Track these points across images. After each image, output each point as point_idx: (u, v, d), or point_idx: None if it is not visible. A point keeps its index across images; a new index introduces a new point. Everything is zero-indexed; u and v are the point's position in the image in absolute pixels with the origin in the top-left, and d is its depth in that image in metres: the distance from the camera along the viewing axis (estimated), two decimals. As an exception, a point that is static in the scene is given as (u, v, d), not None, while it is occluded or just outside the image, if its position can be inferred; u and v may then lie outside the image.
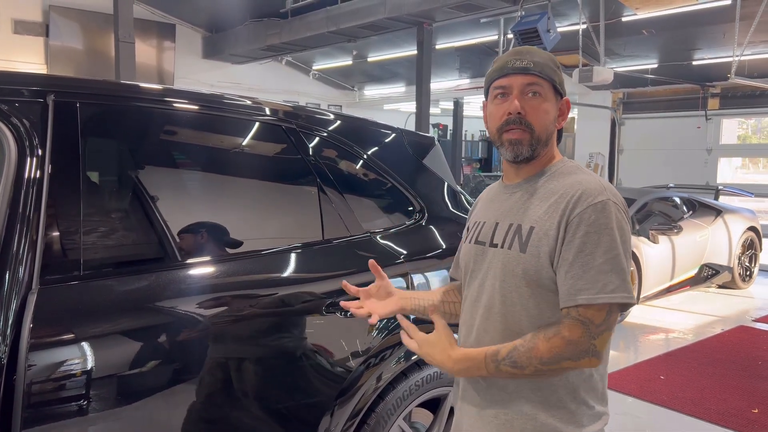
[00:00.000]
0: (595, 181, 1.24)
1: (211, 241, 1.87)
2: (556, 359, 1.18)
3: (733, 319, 5.89)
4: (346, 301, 1.61)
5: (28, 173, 1.53)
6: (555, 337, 1.19)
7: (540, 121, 1.28)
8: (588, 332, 1.18)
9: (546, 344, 1.19)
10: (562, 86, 1.32)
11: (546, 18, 7.07)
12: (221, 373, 1.72)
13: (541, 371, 1.20)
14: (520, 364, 1.20)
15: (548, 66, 1.29)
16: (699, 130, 11.64)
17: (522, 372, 1.21)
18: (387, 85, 15.16)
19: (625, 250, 1.20)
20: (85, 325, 1.51)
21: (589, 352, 1.18)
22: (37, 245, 1.49)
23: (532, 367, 1.19)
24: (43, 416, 1.41)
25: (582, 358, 1.18)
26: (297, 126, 2.15)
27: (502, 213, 1.34)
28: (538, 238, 1.24)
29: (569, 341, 1.17)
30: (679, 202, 6.88)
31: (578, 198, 1.21)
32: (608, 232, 1.18)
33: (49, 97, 1.62)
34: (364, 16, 9.02)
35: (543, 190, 1.29)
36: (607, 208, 1.19)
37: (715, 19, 8.55)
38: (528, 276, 1.25)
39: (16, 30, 10.36)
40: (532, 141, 1.28)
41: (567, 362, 1.18)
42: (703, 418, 3.59)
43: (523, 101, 1.27)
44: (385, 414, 2.08)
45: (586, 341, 1.17)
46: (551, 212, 1.24)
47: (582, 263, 1.18)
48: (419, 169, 2.51)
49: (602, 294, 1.17)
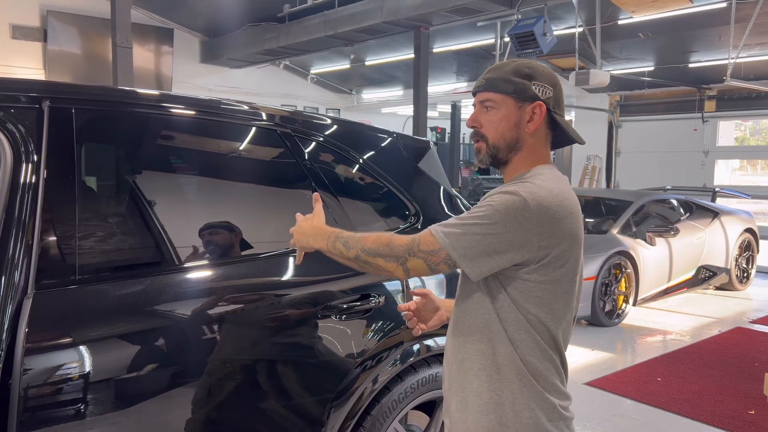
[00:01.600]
0: (531, 185, 1.31)
1: (208, 244, 1.88)
2: (373, 252, 1.34)
3: (730, 321, 5.90)
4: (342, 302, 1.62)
5: (24, 178, 1.54)
6: (385, 236, 1.36)
7: (492, 131, 1.41)
8: (409, 246, 1.31)
9: (375, 238, 1.36)
10: (524, 93, 1.39)
11: (542, 21, 7.10)
12: (217, 377, 1.73)
13: (359, 259, 1.36)
14: (348, 245, 1.38)
15: (502, 79, 1.40)
16: (696, 133, 11.67)
17: (347, 252, 1.38)
18: (385, 89, 15.18)
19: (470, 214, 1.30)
20: (80, 330, 1.51)
21: (399, 259, 1.32)
22: (33, 250, 1.50)
23: (355, 251, 1.36)
24: (38, 420, 1.42)
25: (391, 261, 1.32)
26: (292, 130, 2.16)
27: None
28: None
29: (392, 243, 1.33)
30: (676, 204, 6.89)
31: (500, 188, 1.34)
32: (486, 203, 1.30)
33: (44, 103, 1.63)
34: (361, 20, 9.04)
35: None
36: (505, 194, 1.29)
37: (711, 21, 8.59)
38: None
39: (14, 35, 10.37)
40: (489, 149, 1.42)
41: (380, 260, 1.34)
42: (700, 419, 3.60)
43: (479, 115, 1.43)
44: (380, 416, 2.08)
45: (403, 252, 1.31)
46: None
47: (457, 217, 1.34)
48: (414, 172, 2.52)
49: (435, 226, 1.32)
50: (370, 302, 2.04)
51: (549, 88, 1.40)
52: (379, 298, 2.07)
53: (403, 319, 2.13)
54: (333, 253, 1.42)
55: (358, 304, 2.02)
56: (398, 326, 2.12)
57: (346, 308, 1.99)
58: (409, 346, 2.16)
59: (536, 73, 1.40)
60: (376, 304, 2.05)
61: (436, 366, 2.23)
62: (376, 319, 2.07)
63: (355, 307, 2.01)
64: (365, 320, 2.04)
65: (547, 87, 1.40)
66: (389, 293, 2.12)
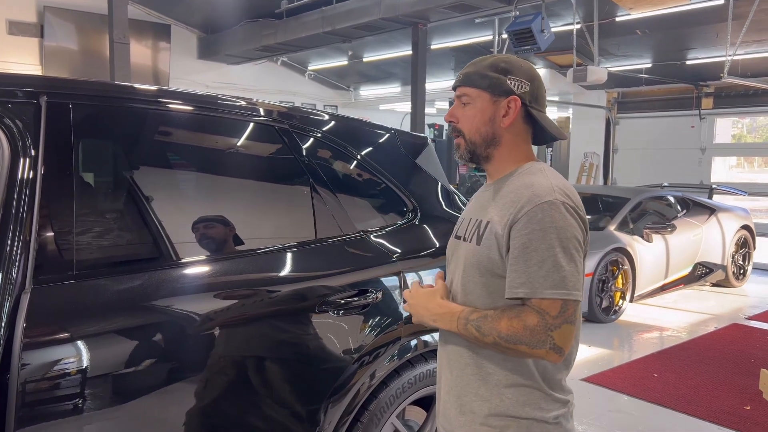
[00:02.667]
0: (547, 182, 1.31)
1: (205, 239, 1.88)
2: (513, 339, 1.25)
3: (726, 317, 5.92)
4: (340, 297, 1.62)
5: (21, 174, 1.54)
6: (516, 318, 1.25)
7: (467, 126, 1.41)
8: (544, 322, 1.23)
9: (507, 322, 1.26)
10: (498, 87, 1.38)
11: (540, 18, 7.09)
12: (214, 372, 1.73)
13: (499, 345, 1.27)
14: (483, 331, 1.29)
15: (478, 74, 1.40)
16: (693, 130, 11.69)
17: (483, 338, 1.29)
18: (383, 86, 15.17)
19: (565, 247, 1.25)
20: (78, 325, 1.51)
21: (547, 343, 1.23)
22: (31, 245, 1.50)
23: (492, 337, 1.27)
24: (36, 415, 1.42)
25: (538, 348, 1.24)
26: (290, 126, 2.16)
27: (475, 210, 1.46)
28: (490, 232, 1.34)
29: (526, 326, 1.24)
30: (673, 201, 6.91)
31: (528, 198, 1.29)
32: (552, 230, 1.25)
33: (42, 98, 1.63)
34: (359, 16, 9.02)
35: (505, 189, 1.38)
36: (554, 207, 1.26)
37: (708, 18, 8.59)
38: (481, 266, 1.35)
39: (11, 31, 10.33)
40: (467, 144, 1.42)
41: (523, 346, 1.25)
42: (696, 415, 3.61)
43: (456, 110, 1.44)
44: (378, 412, 2.09)
45: (543, 331, 1.23)
46: (504, 209, 1.33)
47: (525, 259, 1.26)
48: (412, 168, 2.52)
49: (542, 290, 1.24)
50: (368, 297, 2.05)
51: (525, 82, 1.39)
52: (377, 294, 2.07)
53: (400, 314, 2.14)
54: (466, 336, 1.34)
55: (355, 300, 2.02)
56: (395, 322, 2.12)
57: (343, 304, 1.99)
58: (407, 342, 2.17)
59: (513, 67, 1.39)
60: (373, 300, 2.06)
61: (433, 361, 2.23)
62: (374, 315, 2.07)
63: (353, 303, 2.02)
64: (363, 316, 2.05)
65: (523, 81, 1.39)
66: (387, 289, 2.12)
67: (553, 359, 1.26)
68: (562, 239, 1.25)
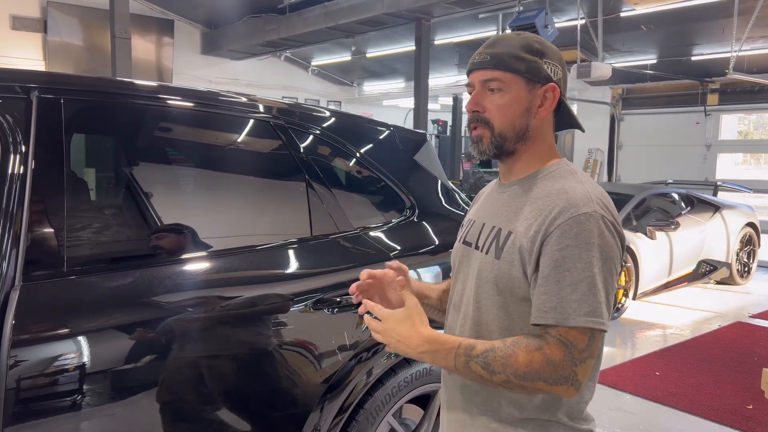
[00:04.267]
0: (583, 190, 1.13)
1: (197, 237, 1.86)
2: (531, 377, 1.07)
3: (730, 315, 5.89)
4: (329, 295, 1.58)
5: (12, 169, 1.53)
6: (537, 351, 1.07)
7: (499, 117, 1.19)
8: (570, 356, 1.07)
9: (526, 356, 1.07)
10: (537, 72, 1.18)
11: (544, 13, 7.06)
12: (209, 369, 1.72)
13: (511, 384, 1.09)
14: (492, 368, 1.09)
15: (510, 56, 1.18)
16: (698, 126, 11.63)
17: (491, 377, 1.09)
18: (386, 81, 15.15)
19: (606, 269, 1.09)
20: (68, 322, 1.50)
21: (569, 379, 1.07)
22: (21, 241, 1.48)
23: (504, 375, 1.08)
24: (25, 413, 1.41)
25: (559, 384, 1.07)
26: (286, 122, 2.14)
27: (490, 214, 1.27)
28: (513, 245, 1.15)
29: (550, 361, 1.06)
30: (678, 198, 6.86)
31: (561, 208, 1.11)
32: (589, 247, 1.08)
33: (32, 93, 1.61)
34: (362, 11, 9.00)
35: (530, 194, 1.19)
36: (592, 221, 1.09)
37: (714, 14, 8.53)
38: (500, 284, 1.17)
39: (14, 26, 10.35)
40: (494, 138, 1.20)
41: (542, 384, 1.07)
42: (699, 414, 3.59)
43: (482, 97, 1.20)
44: (373, 410, 2.07)
45: (568, 367, 1.07)
46: (531, 219, 1.14)
47: (557, 279, 1.08)
48: (410, 165, 2.50)
49: (575, 316, 1.06)
50: (364, 295, 2.03)
51: (559, 67, 1.21)
52: (373, 292, 2.05)
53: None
54: (467, 375, 1.13)
55: (351, 297, 2.00)
56: (392, 320, 2.10)
57: (338, 301, 1.97)
58: (404, 340, 2.15)
59: (546, 49, 1.20)
60: (369, 298, 2.04)
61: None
62: (370, 312, 2.05)
63: (349, 300, 2.00)
64: (358, 313, 2.02)
65: (558, 66, 1.20)
66: (383, 286, 2.10)
67: (569, 395, 1.09)
68: (599, 259, 1.08)
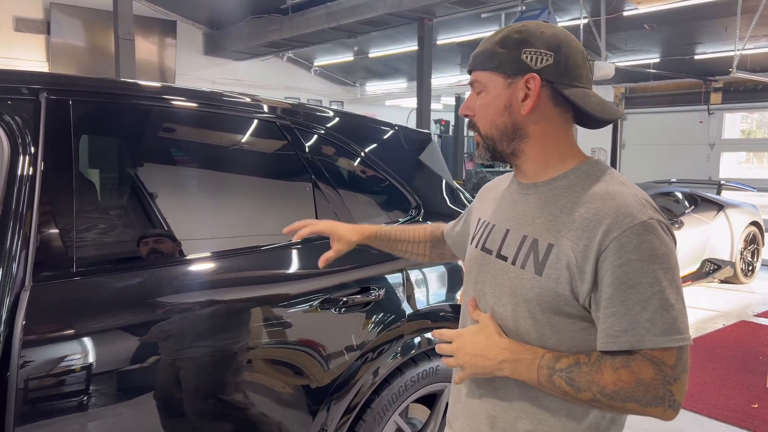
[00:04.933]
0: (632, 194, 1.05)
1: (205, 237, 1.87)
2: (621, 396, 0.99)
3: (734, 314, 5.88)
4: (343, 295, 1.59)
5: (21, 170, 1.53)
6: (624, 369, 0.99)
7: (482, 118, 1.16)
8: (662, 375, 0.98)
9: (612, 374, 0.99)
10: (510, 65, 1.10)
11: (546, 13, 7.06)
12: (217, 368, 1.73)
13: (598, 402, 1.01)
14: (577, 385, 1.00)
15: (484, 53, 1.13)
16: (701, 125, 11.62)
17: (576, 394, 1.01)
18: (388, 81, 15.16)
19: (671, 280, 1.00)
20: (77, 322, 1.51)
21: (665, 400, 0.98)
22: (30, 242, 1.49)
23: (590, 393, 1.00)
24: (36, 412, 1.42)
25: (654, 406, 0.98)
26: (292, 123, 2.14)
27: (514, 219, 1.16)
28: (558, 260, 1.05)
29: (639, 381, 0.98)
30: (681, 197, 6.86)
31: (615, 218, 1.01)
32: (653, 259, 0.99)
33: (41, 95, 1.62)
34: (365, 11, 9.01)
35: (565, 199, 1.09)
36: (651, 229, 1.00)
37: (717, 13, 8.52)
38: (543, 302, 1.06)
39: (18, 27, 10.38)
40: (484, 141, 1.16)
41: (633, 405, 0.99)
42: (703, 413, 3.59)
43: (471, 101, 1.18)
44: (380, 410, 2.08)
45: (661, 386, 0.98)
46: (577, 230, 1.04)
47: (622, 299, 0.99)
48: (415, 165, 2.50)
49: (650, 337, 0.98)
50: (371, 295, 2.04)
51: (547, 53, 1.08)
52: (380, 291, 2.06)
53: (403, 311, 2.13)
54: (549, 390, 1.04)
55: (358, 297, 2.01)
56: (398, 319, 2.11)
57: (346, 301, 1.98)
58: (410, 339, 2.16)
59: (530, 36, 1.09)
60: (376, 297, 2.05)
61: (437, 359, 2.22)
62: (377, 312, 2.06)
63: (356, 300, 2.00)
64: (365, 313, 2.03)
65: (543, 53, 1.08)
66: (390, 286, 2.11)
67: (668, 418, 1.00)
68: (666, 270, 0.99)
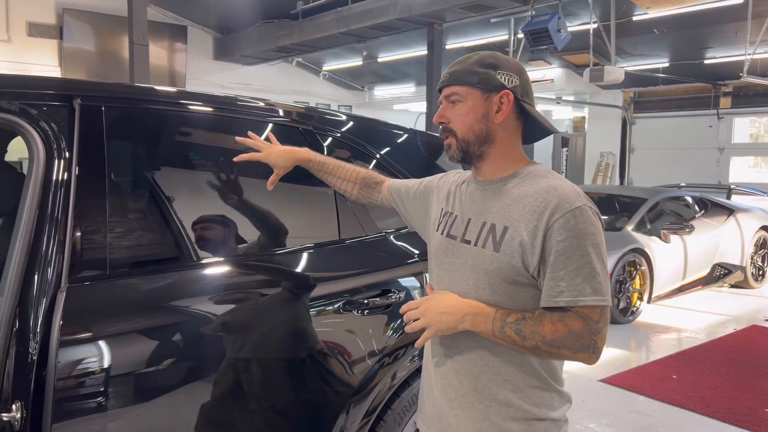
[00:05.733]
0: (570, 187, 1.30)
1: (233, 240, 1.91)
2: (557, 344, 1.24)
3: (745, 319, 5.87)
4: (363, 297, 1.61)
5: (56, 175, 1.58)
6: (559, 322, 1.24)
7: (460, 124, 1.38)
8: (589, 327, 1.23)
9: (551, 326, 1.24)
10: (490, 82, 1.35)
11: (556, 18, 7.08)
12: (240, 371, 1.76)
13: (539, 349, 1.25)
14: (523, 334, 1.25)
15: (464, 71, 1.37)
16: (711, 129, 11.59)
17: (522, 342, 1.25)
18: (397, 85, 15.18)
19: (598, 253, 1.26)
20: (112, 323, 1.55)
21: (590, 347, 1.24)
22: (66, 245, 1.53)
23: (534, 341, 1.25)
24: (72, 411, 1.46)
25: (582, 352, 1.24)
26: (313, 127, 2.18)
27: (474, 210, 1.40)
28: (512, 239, 1.29)
29: (572, 331, 1.23)
30: (691, 202, 6.86)
31: (558, 204, 1.26)
32: (585, 237, 1.24)
33: (75, 101, 1.67)
34: (375, 16, 9.05)
35: (516, 192, 1.34)
36: (584, 213, 1.26)
37: (727, 17, 8.52)
38: (501, 274, 1.30)
39: (30, 32, 10.48)
40: (459, 144, 1.39)
41: (566, 351, 1.24)
42: (716, 417, 3.60)
43: (446, 110, 1.40)
44: (401, 411, 2.11)
45: (588, 336, 1.23)
46: (528, 215, 1.29)
47: (562, 267, 1.24)
48: (433, 169, 2.53)
49: (581, 297, 1.23)
50: (391, 298, 2.07)
51: (515, 76, 1.36)
52: (400, 294, 2.09)
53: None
54: (501, 340, 1.28)
55: (378, 300, 2.04)
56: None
57: (366, 303, 2.01)
58: (429, 342, 2.18)
59: (500, 62, 1.37)
60: (396, 300, 2.08)
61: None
62: (396, 315, 2.09)
63: (376, 303, 2.04)
64: (385, 315, 2.06)
65: (512, 75, 1.36)
66: (409, 289, 2.14)
67: (592, 362, 1.26)
68: (594, 245, 1.25)
